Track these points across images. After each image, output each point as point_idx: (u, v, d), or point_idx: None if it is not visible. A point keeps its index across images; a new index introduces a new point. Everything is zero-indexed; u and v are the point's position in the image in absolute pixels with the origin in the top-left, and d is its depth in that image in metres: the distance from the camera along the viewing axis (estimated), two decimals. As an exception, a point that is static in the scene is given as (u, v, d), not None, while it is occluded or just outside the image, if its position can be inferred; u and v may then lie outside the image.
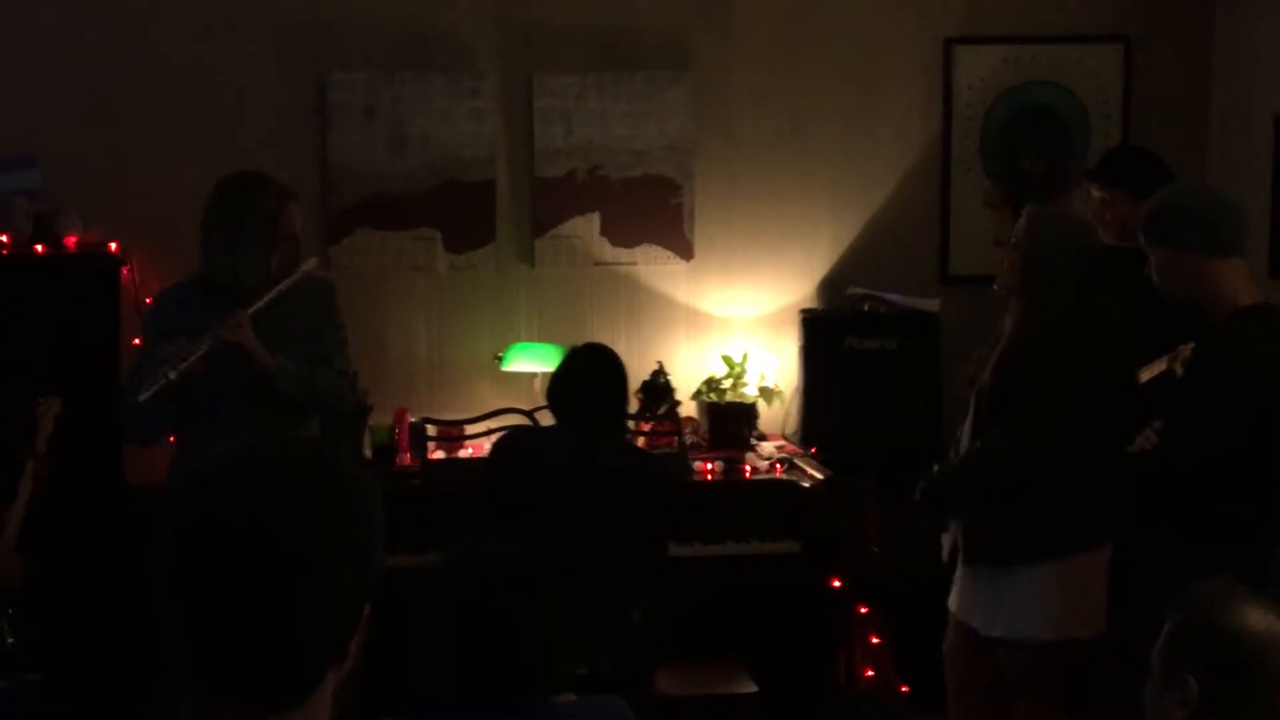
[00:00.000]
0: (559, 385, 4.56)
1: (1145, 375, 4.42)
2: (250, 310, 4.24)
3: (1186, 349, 4.15)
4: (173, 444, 4.49)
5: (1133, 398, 4.18)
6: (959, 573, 4.28)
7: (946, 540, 4.34)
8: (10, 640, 4.29)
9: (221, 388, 4.22)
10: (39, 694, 4.46)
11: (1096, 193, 5.10)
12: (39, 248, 5.31)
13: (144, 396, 4.08)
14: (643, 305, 5.93)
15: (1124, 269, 4.32)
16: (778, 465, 5.53)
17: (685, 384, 5.78)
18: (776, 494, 5.40)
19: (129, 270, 5.39)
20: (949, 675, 4.40)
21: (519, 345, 5.67)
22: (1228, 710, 2.33)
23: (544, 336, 5.72)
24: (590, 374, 4.54)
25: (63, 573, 4.84)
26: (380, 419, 5.50)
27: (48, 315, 5.20)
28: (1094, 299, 4.05)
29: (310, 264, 4.46)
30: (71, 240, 5.37)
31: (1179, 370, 4.25)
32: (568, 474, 4.40)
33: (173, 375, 4.08)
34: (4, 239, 5.33)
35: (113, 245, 5.38)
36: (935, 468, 4.30)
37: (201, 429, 4.27)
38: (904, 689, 5.27)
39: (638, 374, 5.71)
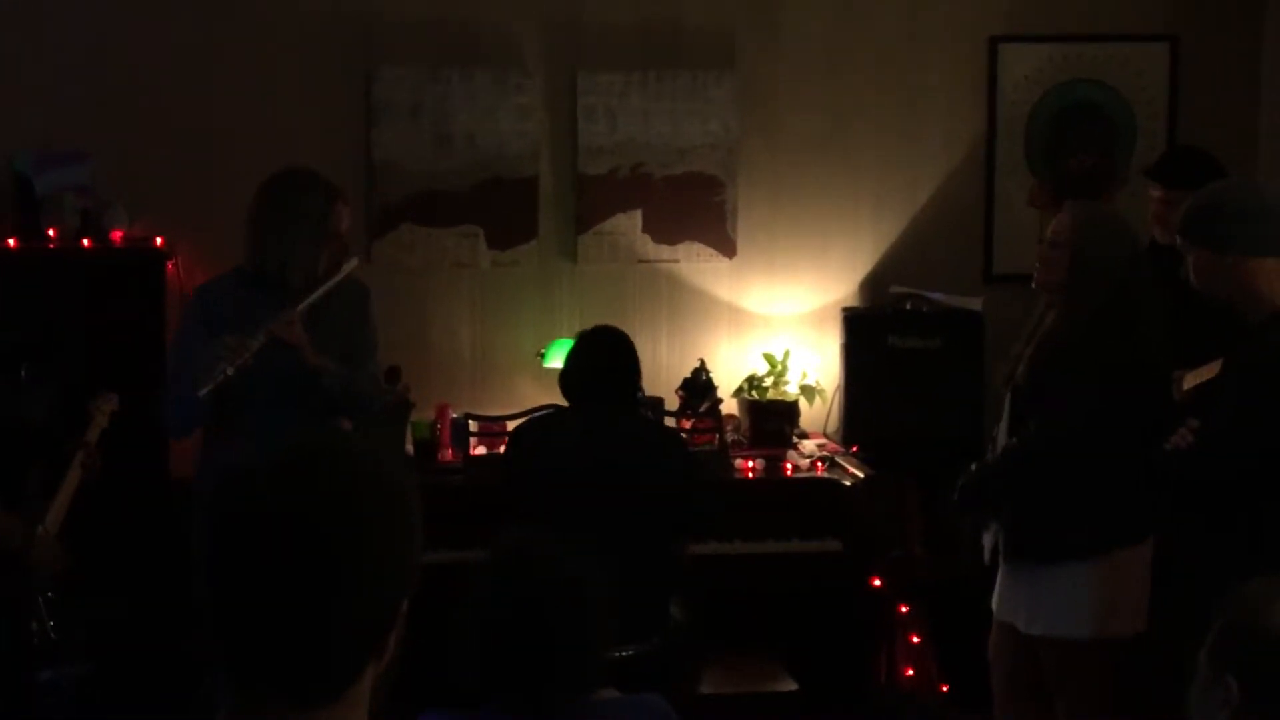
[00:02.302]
0: (568, 371, 4.60)
1: (1207, 374, 4.40)
2: (300, 308, 4.26)
3: None
4: (203, 439, 4.52)
5: (1169, 395, 4.17)
6: (1000, 571, 4.27)
7: (988, 540, 4.33)
8: (51, 624, 4.33)
9: (258, 385, 4.24)
10: (83, 686, 4.49)
11: (1156, 192, 5.06)
12: (86, 242, 5.35)
13: (204, 392, 4.11)
14: (685, 302, 5.94)
15: (1179, 268, 4.30)
16: (819, 464, 5.52)
17: (727, 381, 5.78)
18: (817, 492, 5.39)
19: (174, 265, 5.42)
20: (994, 675, 4.40)
21: (561, 341, 5.68)
22: (1269, 713, 2.32)
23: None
24: (597, 355, 4.58)
25: (108, 565, 4.87)
26: (422, 414, 5.51)
27: (94, 309, 5.24)
28: (1134, 297, 4.04)
29: (352, 264, 4.47)
30: (118, 235, 5.40)
31: None
32: (583, 453, 4.44)
33: (230, 371, 4.10)
34: (52, 233, 5.36)
35: (159, 240, 5.41)
36: (973, 466, 4.30)
37: (235, 425, 4.29)
38: (944, 689, 5.25)
39: (679, 371, 5.72)
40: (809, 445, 5.66)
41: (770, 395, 5.78)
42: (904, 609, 5.25)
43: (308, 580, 1.50)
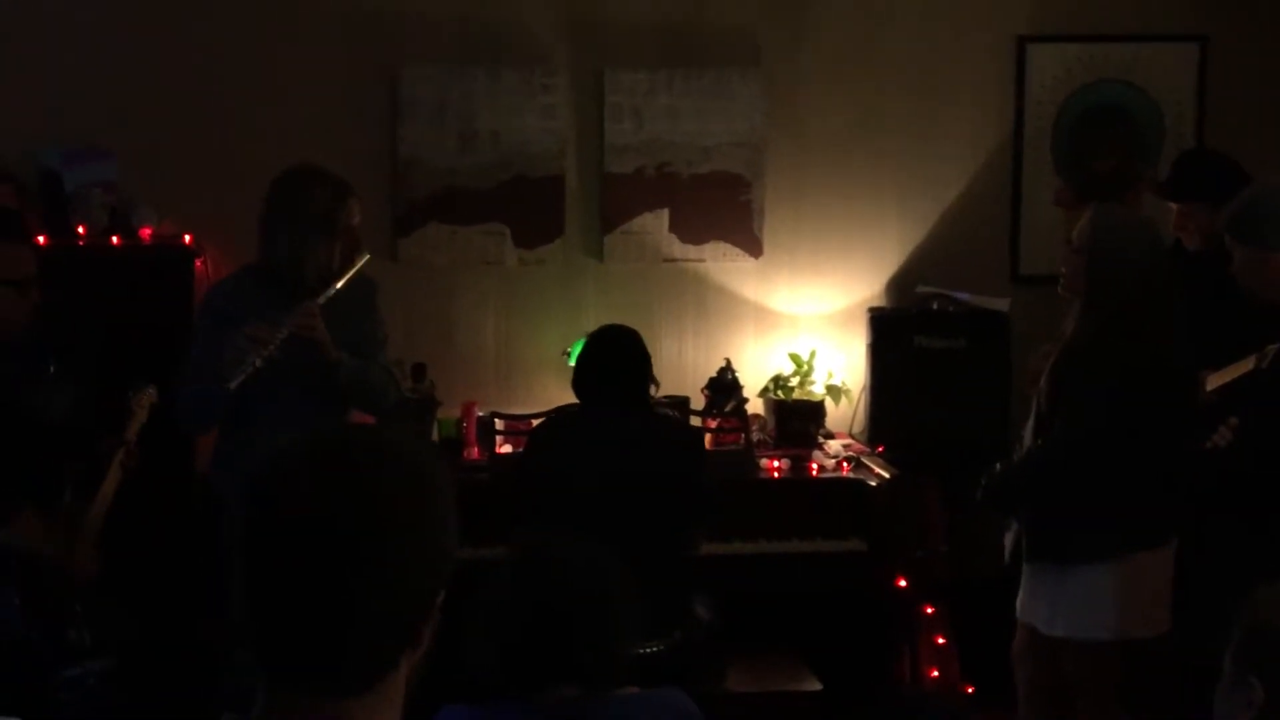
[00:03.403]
0: (580, 371, 4.60)
1: (1232, 374, 4.40)
2: (320, 301, 4.29)
3: (1273, 349, 4.11)
4: (218, 433, 4.55)
5: (1192, 397, 4.15)
6: (1024, 573, 4.27)
7: (1008, 540, 4.33)
8: (88, 638, 4.34)
9: (275, 379, 4.26)
10: (109, 681, 4.50)
11: (1173, 205, 5.06)
12: (115, 239, 5.37)
13: (235, 384, 4.15)
14: (711, 302, 5.94)
15: (1208, 272, 4.29)
16: (844, 464, 5.52)
17: (753, 381, 5.77)
18: (843, 492, 5.39)
19: (203, 262, 5.43)
20: (1018, 676, 4.40)
21: (587, 340, 5.69)
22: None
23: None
24: (607, 354, 4.58)
25: (137, 562, 4.89)
26: (448, 412, 5.53)
27: (122, 306, 5.25)
28: (1154, 299, 4.02)
29: (364, 258, 4.50)
30: (146, 232, 5.42)
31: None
32: (597, 453, 4.44)
33: (259, 363, 4.15)
34: (81, 230, 5.38)
35: (187, 237, 5.43)
36: (997, 466, 4.30)
37: (246, 420, 4.32)
38: (969, 689, 5.25)
39: (705, 370, 5.72)
40: (834, 445, 5.65)
41: (796, 395, 5.78)
42: (929, 609, 5.25)
43: (343, 572, 1.51)
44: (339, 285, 4.36)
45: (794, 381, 5.80)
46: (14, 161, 5.45)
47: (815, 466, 5.52)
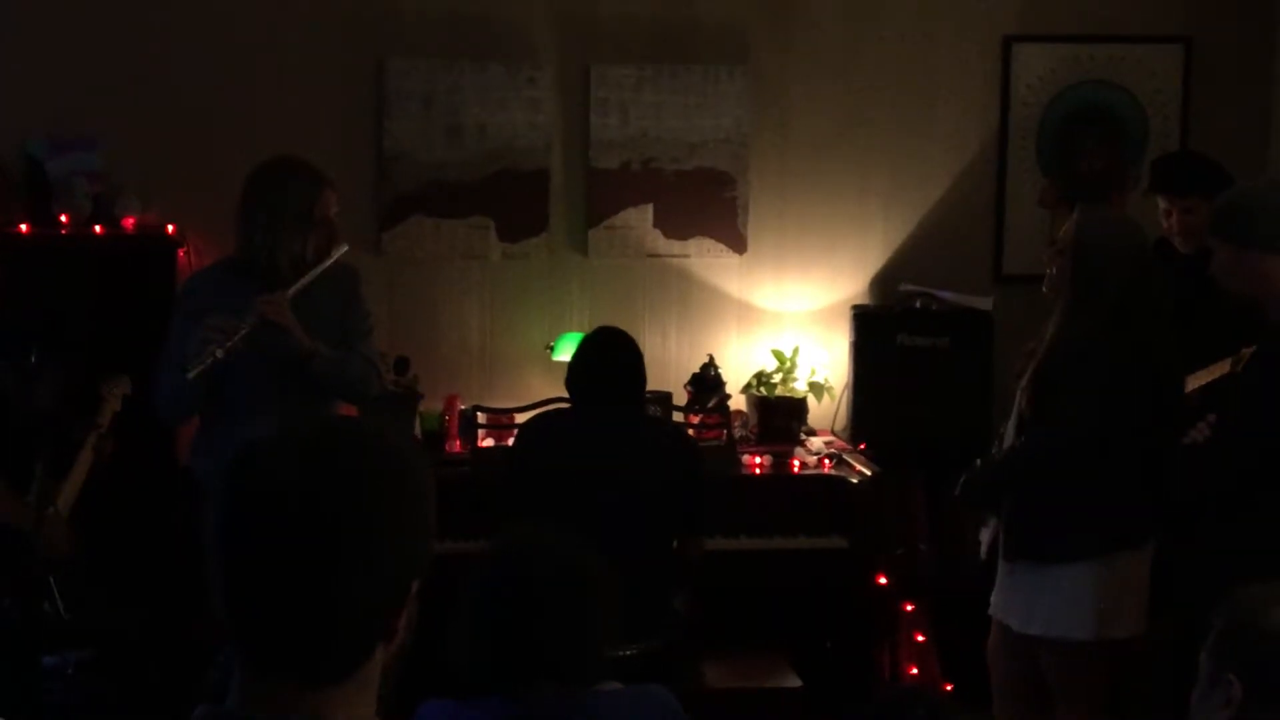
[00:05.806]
0: (575, 371, 4.59)
1: (1209, 376, 4.41)
2: (290, 292, 4.28)
3: (1248, 351, 4.12)
4: (199, 424, 4.54)
5: (1176, 398, 4.17)
6: (999, 570, 4.28)
7: (985, 537, 4.34)
8: (62, 609, 4.35)
9: (250, 369, 4.25)
10: (89, 670, 4.51)
11: (1166, 204, 5.05)
12: (98, 228, 5.36)
13: (192, 374, 4.11)
14: (694, 297, 5.94)
15: (1196, 274, 4.30)
16: (826, 461, 5.52)
17: (735, 377, 5.78)
18: (824, 489, 5.39)
19: (185, 252, 5.43)
20: (992, 674, 4.40)
21: (570, 335, 5.68)
22: (1270, 712, 2.32)
23: (595, 326, 5.72)
24: (603, 355, 4.57)
25: (118, 550, 4.89)
26: (431, 405, 5.52)
27: (104, 296, 5.25)
28: (1140, 300, 4.04)
29: (342, 249, 4.48)
30: (130, 221, 5.41)
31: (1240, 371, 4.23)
32: (591, 454, 4.43)
33: (220, 354, 4.11)
34: (64, 219, 5.38)
35: (170, 227, 5.43)
36: (977, 463, 4.31)
37: (226, 409, 4.31)
38: (948, 687, 5.26)
39: (688, 366, 5.72)
40: (816, 442, 5.66)
41: (779, 392, 5.78)
42: (909, 607, 5.26)
43: (318, 557, 1.51)
44: (310, 277, 4.35)
45: (777, 378, 5.81)
46: (-2, 148, 5.45)
47: (797, 463, 5.53)
